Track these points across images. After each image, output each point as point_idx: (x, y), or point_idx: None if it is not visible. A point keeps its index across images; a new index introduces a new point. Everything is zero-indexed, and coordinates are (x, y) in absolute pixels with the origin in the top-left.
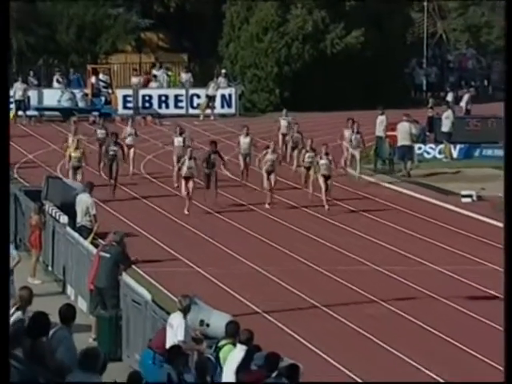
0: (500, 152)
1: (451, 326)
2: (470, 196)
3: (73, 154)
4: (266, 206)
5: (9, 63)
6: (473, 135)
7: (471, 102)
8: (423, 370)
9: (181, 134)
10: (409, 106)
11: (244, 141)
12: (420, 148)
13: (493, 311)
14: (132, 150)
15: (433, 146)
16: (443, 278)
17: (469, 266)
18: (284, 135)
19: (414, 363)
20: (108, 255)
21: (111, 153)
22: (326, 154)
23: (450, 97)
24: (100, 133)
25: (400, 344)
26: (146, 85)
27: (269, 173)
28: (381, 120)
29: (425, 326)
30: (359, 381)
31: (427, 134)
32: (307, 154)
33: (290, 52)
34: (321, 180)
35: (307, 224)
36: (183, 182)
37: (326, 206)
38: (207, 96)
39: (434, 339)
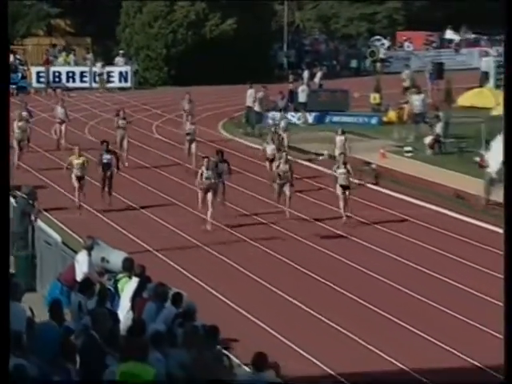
0: (345, 118)
1: (308, 261)
2: (322, 154)
3: (75, 161)
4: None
5: None
6: (324, 105)
7: (323, 78)
8: (287, 297)
9: (124, 119)
10: (273, 81)
11: (190, 127)
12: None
13: (338, 246)
14: (64, 126)
15: (293, 113)
16: (301, 222)
17: (319, 209)
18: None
19: (281, 292)
20: (16, 205)
21: (105, 161)
22: (345, 163)
23: (305, 74)
24: (24, 114)
25: (268, 276)
26: (45, 64)
27: (281, 185)
28: (250, 93)
29: (287, 261)
30: (235, 307)
31: (289, 104)
32: (269, 147)
33: (176, 37)
34: (339, 191)
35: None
36: (201, 195)
37: (344, 219)
38: (95, 73)
39: (295, 272)
